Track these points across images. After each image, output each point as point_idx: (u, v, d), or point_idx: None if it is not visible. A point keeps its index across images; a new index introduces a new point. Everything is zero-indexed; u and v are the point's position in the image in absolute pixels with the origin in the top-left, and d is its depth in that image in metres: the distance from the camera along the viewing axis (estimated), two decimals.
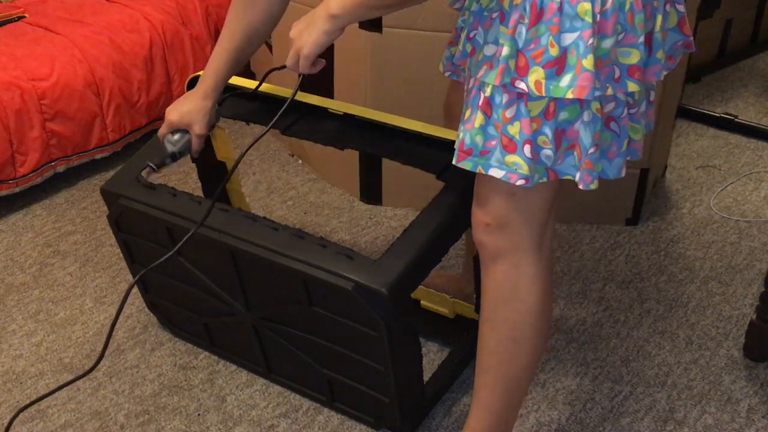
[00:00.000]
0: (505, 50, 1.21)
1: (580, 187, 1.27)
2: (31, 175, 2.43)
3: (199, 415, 1.75)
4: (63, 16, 2.72)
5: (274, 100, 1.76)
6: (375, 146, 1.67)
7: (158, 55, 2.69)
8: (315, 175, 2.61)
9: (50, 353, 1.92)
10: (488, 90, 1.24)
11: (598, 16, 1.16)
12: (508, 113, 1.23)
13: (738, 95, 3.11)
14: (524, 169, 1.25)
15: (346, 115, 1.69)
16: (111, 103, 2.57)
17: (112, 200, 1.71)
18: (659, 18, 1.23)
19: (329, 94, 2.35)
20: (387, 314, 1.42)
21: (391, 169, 2.34)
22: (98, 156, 2.60)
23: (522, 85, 1.20)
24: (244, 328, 1.72)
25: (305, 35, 1.35)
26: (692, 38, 1.32)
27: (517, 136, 1.24)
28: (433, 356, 1.87)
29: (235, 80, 1.81)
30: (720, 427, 1.70)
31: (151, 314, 1.97)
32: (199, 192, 2.06)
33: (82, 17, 2.70)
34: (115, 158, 2.65)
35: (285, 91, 1.76)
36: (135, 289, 2.02)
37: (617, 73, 1.22)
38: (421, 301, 1.93)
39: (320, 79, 2.36)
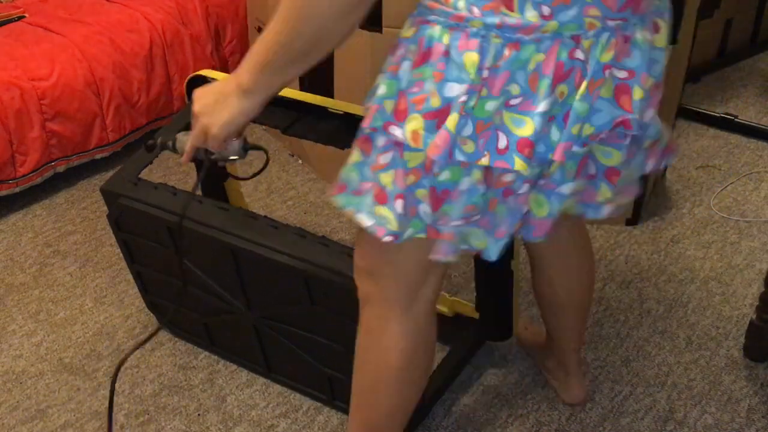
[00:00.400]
0: (382, 89, 1.07)
1: (432, 257, 1.15)
2: (31, 175, 2.43)
3: (199, 415, 1.74)
4: (63, 16, 2.72)
5: (272, 100, 1.76)
6: None
7: (158, 55, 2.69)
8: (315, 175, 2.61)
9: (50, 353, 1.91)
10: (364, 123, 1.11)
11: (486, 72, 0.99)
12: (383, 159, 1.10)
13: (738, 95, 3.11)
14: (393, 225, 1.12)
15: (346, 114, 1.69)
16: (111, 103, 2.57)
17: (112, 200, 1.71)
18: (583, 85, 1.02)
19: (329, 93, 2.35)
20: None
21: None
22: (98, 156, 2.60)
23: (397, 133, 1.06)
24: (245, 328, 1.72)
25: (215, 113, 1.14)
26: (634, 115, 1.08)
27: (389, 187, 1.10)
28: None
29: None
30: (720, 427, 1.70)
31: (151, 314, 1.97)
32: (198, 192, 2.05)
33: (82, 17, 2.70)
34: (115, 158, 2.65)
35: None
36: (135, 289, 2.02)
37: (503, 143, 1.04)
38: None
39: (320, 79, 2.36)
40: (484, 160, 1.04)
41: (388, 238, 1.13)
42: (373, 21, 2.12)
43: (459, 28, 1.00)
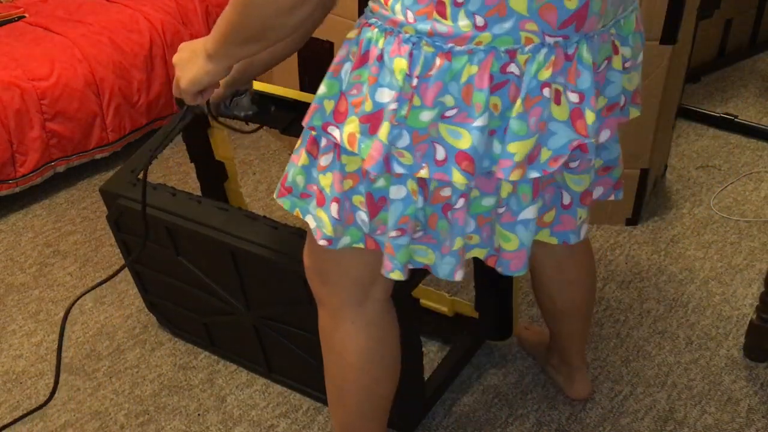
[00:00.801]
0: (323, 88, 1.06)
1: (381, 271, 1.14)
2: (31, 175, 2.43)
3: (199, 415, 1.74)
4: (63, 16, 2.72)
5: (271, 99, 1.76)
6: None
7: (158, 55, 2.69)
8: None
9: (50, 353, 1.91)
10: (305, 121, 1.10)
11: (415, 80, 0.98)
12: (323, 161, 1.10)
13: (738, 95, 3.11)
14: (327, 228, 1.12)
15: None
16: (111, 103, 2.57)
17: (112, 201, 1.71)
18: (518, 102, 0.99)
19: None
20: None
21: None
22: (98, 156, 2.60)
23: (336, 134, 1.06)
24: (245, 328, 1.72)
25: (186, 68, 1.19)
26: (589, 139, 1.05)
27: (327, 190, 1.10)
28: (432, 356, 1.87)
29: None
30: (720, 427, 1.70)
31: (151, 314, 1.97)
32: (198, 192, 2.05)
33: (82, 17, 2.70)
34: (115, 158, 2.65)
35: (278, 89, 1.76)
36: (135, 289, 2.02)
37: (441, 155, 1.02)
38: (420, 300, 1.93)
39: (320, 79, 2.36)
40: (423, 172, 1.02)
41: (322, 242, 1.13)
42: None
43: (393, 33, 0.99)
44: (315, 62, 2.37)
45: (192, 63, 1.17)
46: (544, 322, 1.66)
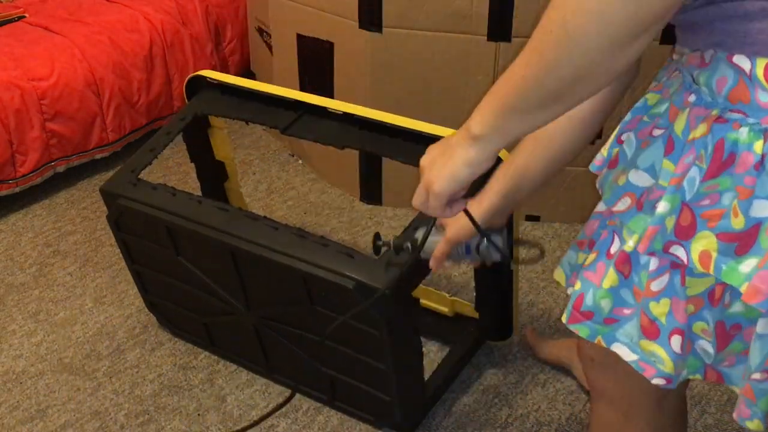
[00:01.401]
0: (666, 206, 0.85)
1: (734, 415, 0.92)
2: (31, 175, 2.43)
3: (199, 415, 1.74)
4: (63, 16, 2.73)
5: (270, 99, 1.76)
6: (375, 146, 1.67)
7: (158, 55, 2.70)
8: (315, 175, 2.61)
9: (50, 353, 1.91)
10: (630, 242, 0.90)
11: None
12: (655, 285, 0.89)
13: None
14: (667, 366, 0.91)
15: (345, 114, 1.69)
16: (111, 103, 2.57)
17: (112, 201, 1.71)
18: None
19: (329, 94, 2.35)
20: (388, 313, 1.42)
21: (391, 169, 2.34)
22: (98, 156, 2.60)
23: (680, 253, 0.86)
24: (245, 328, 1.72)
25: (438, 165, 0.92)
26: None
27: (663, 320, 0.90)
28: (433, 356, 1.87)
29: (230, 79, 1.81)
30: (720, 427, 1.70)
31: (151, 314, 1.97)
32: (198, 192, 2.06)
33: (82, 17, 2.70)
34: (115, 158, 2.65)
35: (280, 90, 1.76)
36: (135, 289, 2.02)
37: None
38: (421, 300, 1.93)
39: (320, 79, 2.36)
40: None
41: (659, 381, 0.93)
42: (373, 21, 2.12)
43: None
44: (315, 62, 2.37)
45: (446, 156, 0.91)
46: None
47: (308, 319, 1.58)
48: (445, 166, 0.91)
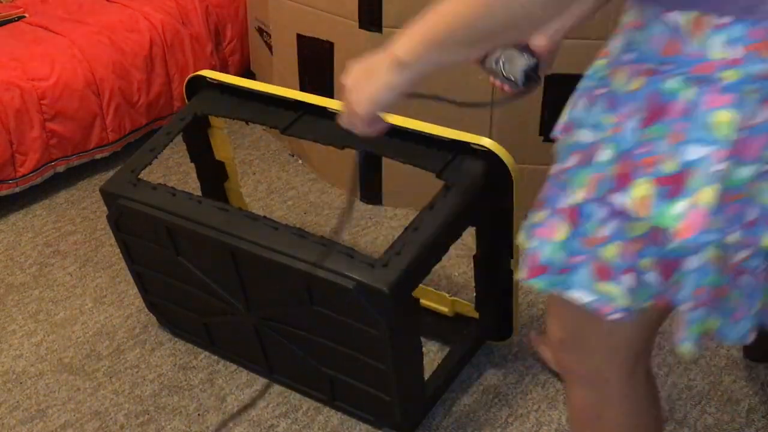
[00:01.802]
0: (607, 153, 0.91)
1: (674, 340, 0.99)
2: (31, 175, 2.43)
3: (199, 415, 1.74)
4: (63, 16, 2.73)
5: (270, 99, 1.76)
6: (375, 145, 1.67)
7: (158, 55, 2.69)
8: (315, 175, 2.61)
9: (50, 353, 1.91)
10: (578, 195, 0.95)
11: (745, 133, 0.82)
12: (603, 232, 0.94)
13: None
14: (623, 300, 0.96)
15: None
16: (111, 103, 2.57)
17: (112, 201, 1.71)
18: None
19: (329, 93, 2.35)
20: (388, 313, 1.42)
21: (391, 169, 2.34)
22: (98, 156, 2.60)
23: (621, 201, 0.90)
24: (245, 328, 1.72)
25: (362, 86, 0.98)
26: None
27: (614, 262, 0.95)
28: (432, 356, 1.87)
29: (230, 79, 1.81)
30: (720, 427, 1.70)
31: (151, 314, 1.97)
32: (198, 192, 2.06)
33: (82, 17, 2.70)
34: (115, 158, 2.65)
35: (280, 90, 1.76)
36: (135, 289, 2.02)
37: (751, 215, 0.87)
38: (420, 300, 1.93)
39: (320, 79, 2.36)
40: (732, 238, 0.87)
41: (617, 315, 0.97)
42: (373, 21, 2.12)
43: (705, 82, 0.83)
44: (315, 62, 2.37)
45: (370, 79, 0.97)
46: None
47: (308, 319, 1.58)
48: (367, 89, 0.97)
